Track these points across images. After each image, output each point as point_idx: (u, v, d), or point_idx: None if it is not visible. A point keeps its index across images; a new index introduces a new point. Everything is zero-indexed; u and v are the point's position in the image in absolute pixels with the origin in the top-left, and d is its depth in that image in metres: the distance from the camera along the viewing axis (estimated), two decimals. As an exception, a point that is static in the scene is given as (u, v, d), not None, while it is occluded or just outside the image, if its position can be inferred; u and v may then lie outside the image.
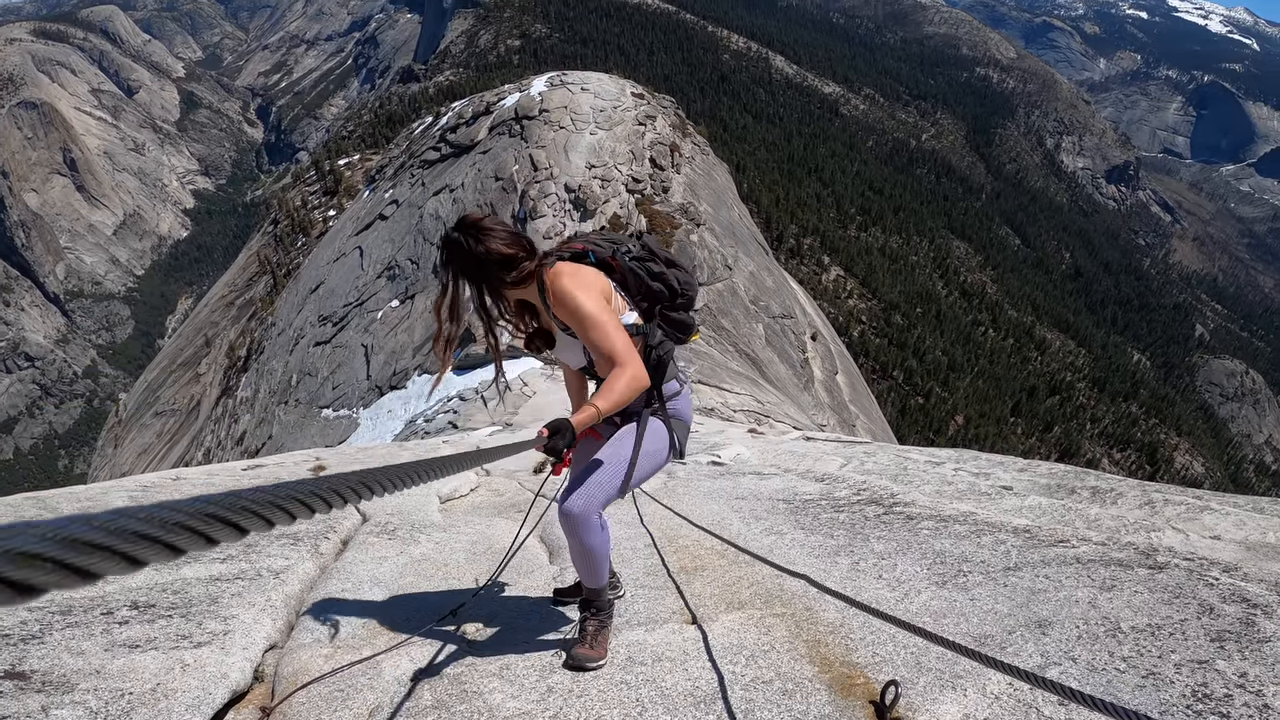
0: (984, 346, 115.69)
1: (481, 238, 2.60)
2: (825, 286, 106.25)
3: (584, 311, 2.56)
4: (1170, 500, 5.23)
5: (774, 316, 36.87)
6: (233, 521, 0.74)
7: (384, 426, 27.52)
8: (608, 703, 2.57)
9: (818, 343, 40.71)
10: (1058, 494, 5.87)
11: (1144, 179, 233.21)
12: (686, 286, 2.83)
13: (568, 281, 2.61)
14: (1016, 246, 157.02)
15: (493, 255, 2.61)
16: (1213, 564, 3.39)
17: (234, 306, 58.87)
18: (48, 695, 2.37)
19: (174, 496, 5.33)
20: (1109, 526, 4.74)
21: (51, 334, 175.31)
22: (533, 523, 4.70)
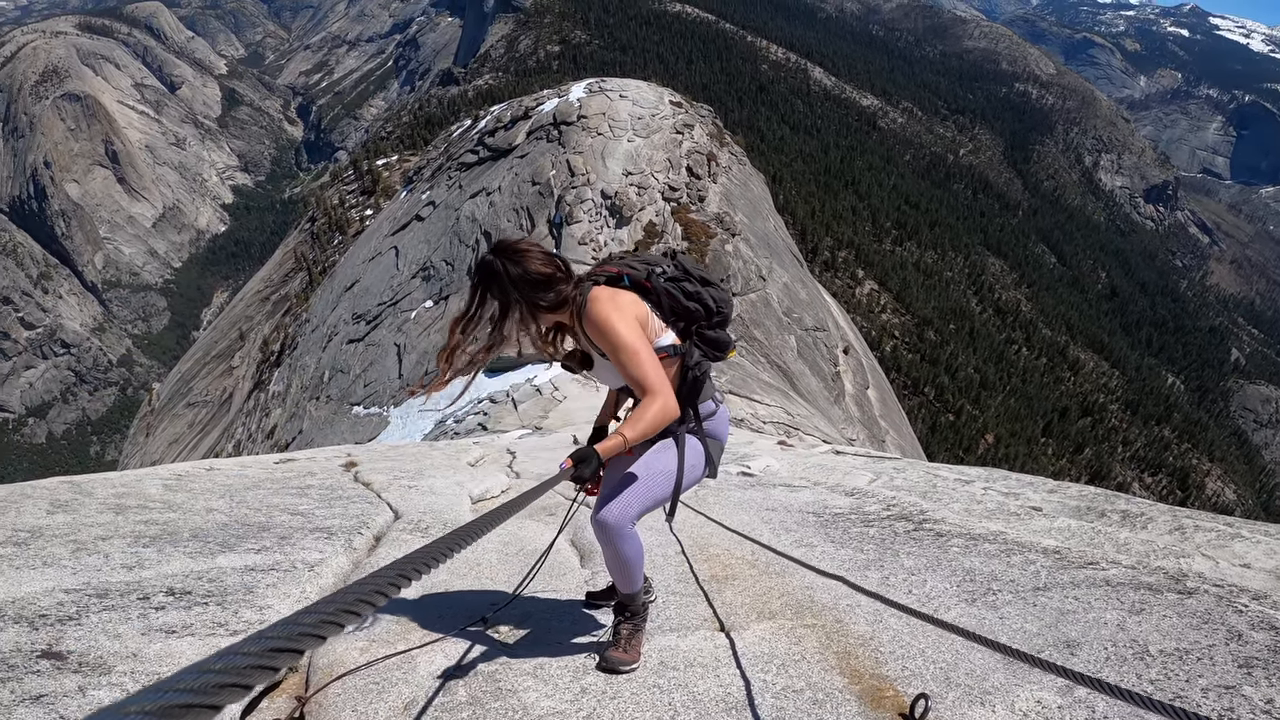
0: (1017, 365, 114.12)
1: (519, 259, 2.62)
2: (859, 300, 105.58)
3: (617, 339, 2.57)
4: (1200, 527, 5.20)
5: (807, 329, 36.67)
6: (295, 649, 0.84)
7: (414, 425, 27.72)
8: (640, 705, 2.59)
9: (850, 356, 40.43)
10: (1087, 516, 5.83)
11: (1182, 199, 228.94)
12: (722, 304, 2.84)
13: (603, 307, 2.62)
14: (1052, 265, 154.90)
15: (530, 275, 2.62)
16: (1242, 591, 3.40)
17: (269, 302, 59.72)
18: (84, 676, 2.41)
19: (208, 486, 5.48)
20: (1138, 551, 4.71)
21: (88, 322, 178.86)
22: (565, 529, 4.75)
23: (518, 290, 2.63)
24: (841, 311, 52.56)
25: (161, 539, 3.87)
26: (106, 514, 4.29)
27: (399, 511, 5.43)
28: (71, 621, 2.76)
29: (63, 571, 3.23)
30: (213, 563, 3.57)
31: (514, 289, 2.63)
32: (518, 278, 2.62)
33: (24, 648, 2.52)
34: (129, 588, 3.15)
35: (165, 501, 4.84)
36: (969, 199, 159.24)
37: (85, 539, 3.72)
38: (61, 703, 2.25)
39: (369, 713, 2.53)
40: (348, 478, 6.78)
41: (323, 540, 4.14)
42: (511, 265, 2.61)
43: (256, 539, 4.05)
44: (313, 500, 5.38)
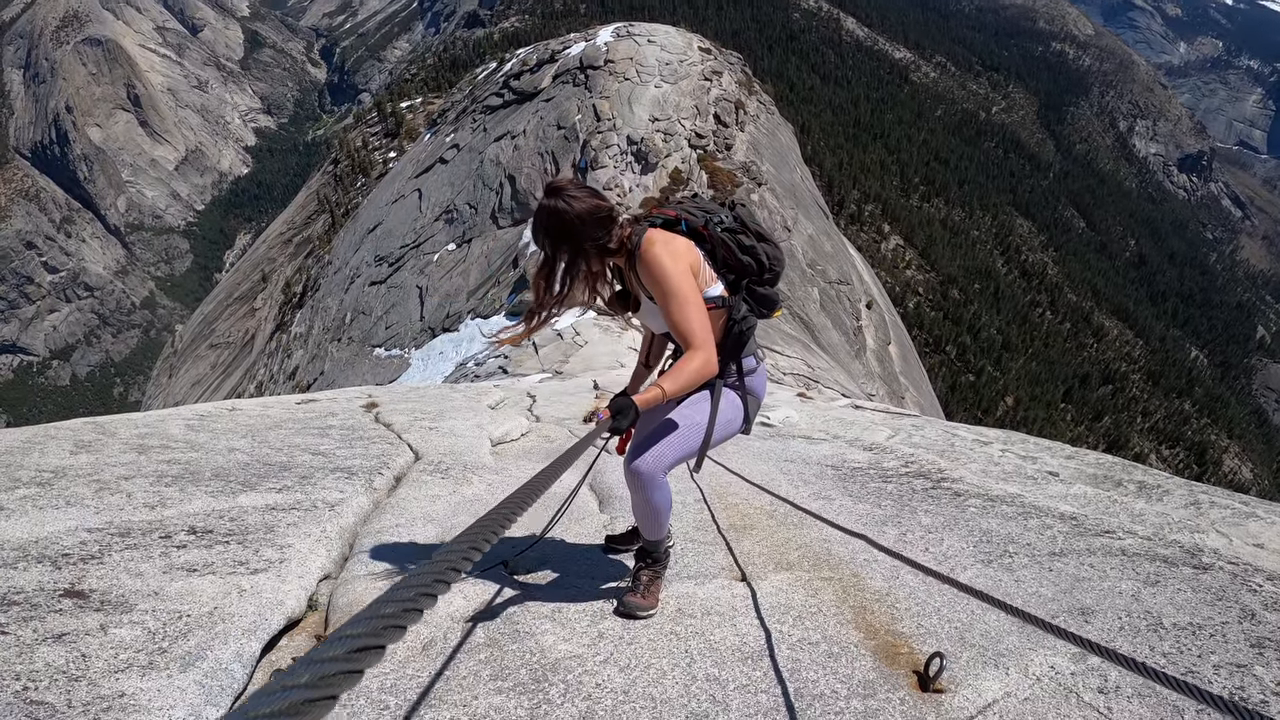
0: (1040, 328, 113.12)
1: (578, 197, 2.54)
2: (884, 255, 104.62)
3: (670, 285, 2.51)
4: (1216, 503, 5.16)
5: (830, 282, 36.40)
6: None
7: (435, 367, 27.90)
8: (657, 651, 2.60)
9: (872, 311, 40.15)
10: (1104, 485, 5.80)
11: (1217, 171, 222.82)
12: (775, 262, 2.77)
13: (659, 250, 2.55)
14: (1081, 229, 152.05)
15: (594, 212, 2.54)
16: (1257, 570, 3.37)
17: (291, 244, 59.93)
18: (106, 614, 2.42)
19: (230, 426, 5.53)
20: (1153, 523, 4.69)
21: (111, 265, 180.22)
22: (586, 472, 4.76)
23: (584, 229, 2.54)
24: (866, 266, 52.07)
25: (184, 478, 3.89)
26: (129, 454, 4.32)
27: (419, 452, 5.44)
28: (94, 560, 2.77)
29: (85, 511, 3.25)
30: (234, 501, 3.58)
31: (580, 228, 2.54)
32: (582, 214, 2.52)
33: (46, 587, 2.54)
34: (151, 526, 3.17)
35: (188, 441, 4.87)
36: (1000, 158, 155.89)
37: (108, 478, 3.74)
38: (83, 641, 2.26)
39: (387, 653, 2.53)
40: (369, 418, 6.79)
41: (343, 480, 4.16)
42: (575, 203, 2.53)
43: (278, 478, 4.07)
44: (334, 440, 5.41)
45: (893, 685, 2.42)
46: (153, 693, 2.06)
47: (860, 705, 2.31)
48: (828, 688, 2.41)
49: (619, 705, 2.31)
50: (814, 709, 2.30)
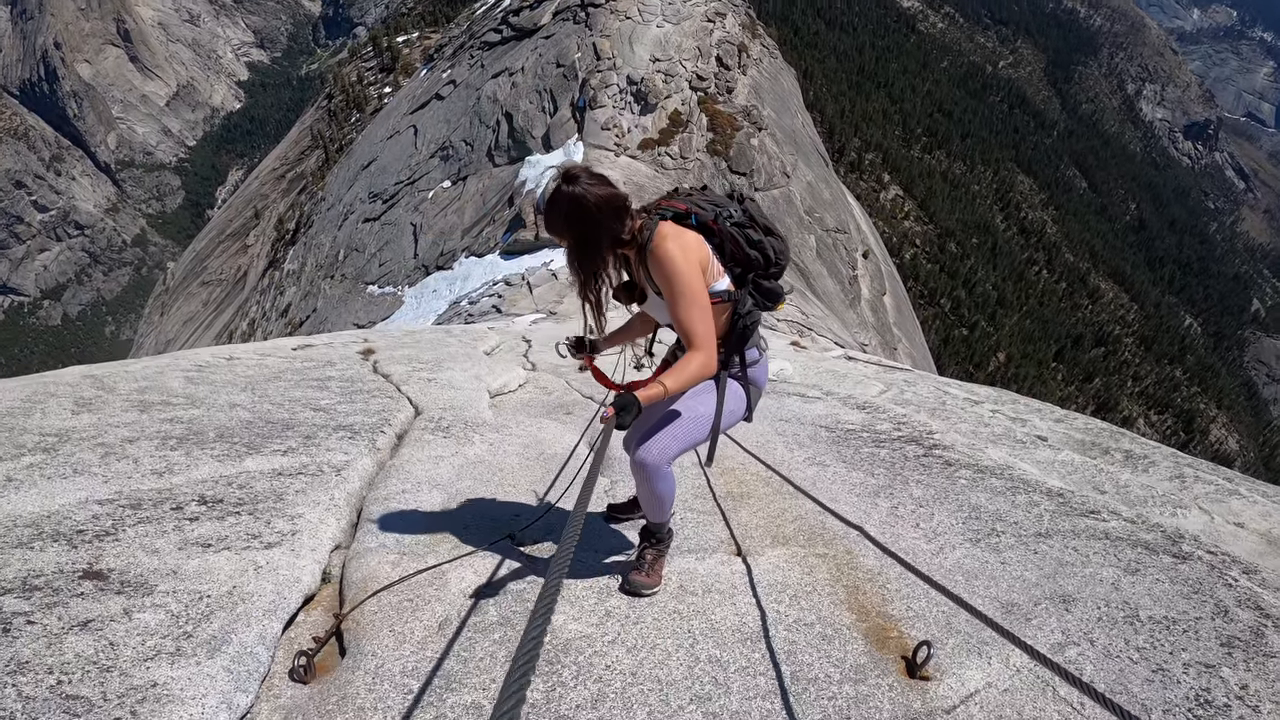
0: (1036, 286, 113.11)
1: (594, 186, 2.51)
2: (882, 205, 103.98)
3: (680, 283, 2.52)
4: (1201, 477, 5.24)
5: (827, 229, 36.24)
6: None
7: (428, 305, 27.75)
8: (662, 632, 2.69)
9: (868, 261, 40.05)
10: (1091, 452, 5.88)
11: (1223, 140, 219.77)
12: (780, 256, 2.78)
13: (672, 246, 2.54)
14: (1082, 190, 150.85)
15: (614, 201, 2.51)
16: (1234, 562, 3.44)
17: (284, 180, 59.16)
18: (128, 597, 2.46)
19: (229, 378, 5.55)
20: (1137, 495, 4.77)
21: (102, 203, 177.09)
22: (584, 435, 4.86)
23: (603, 217, 2.51)
24: (864, 215, 51.75)
25: (188, 440, 3.91)
26: (131, 412, 4.32)
27: (419, 407, 5.46)
28: (109, 537, 2.80)
29: (94, 480, 3.27)
30: (240, 466, 3.61)
31: (599, 216, 2.51)
32: (600, 202, 2.49)
33: (65, 568, 2.57)
34: (161, 496, 3.19)
35: (188, 396, 4.88)
36: (1004, 113, 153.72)
37: (112, 441, 3.76)
38: (110, 628, 2.30)
39: (405, 633, 2.62)
40: (366, 368, 6.79)
41: (347, 440, 4.20)
42: (593, 189, 2.49)
43: (281, 438, 4.10)
44: (334, 394, 5.43)
45: (882, 670, 2.52)
46: (184, 681, 2.12)
47: (851, 690, 2.41)
48: (821, 671, 2.50)
49: (628, 687, 2.40)
50: (809, 693, 2.40)
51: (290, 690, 2.38)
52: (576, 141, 31.21)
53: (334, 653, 2.60)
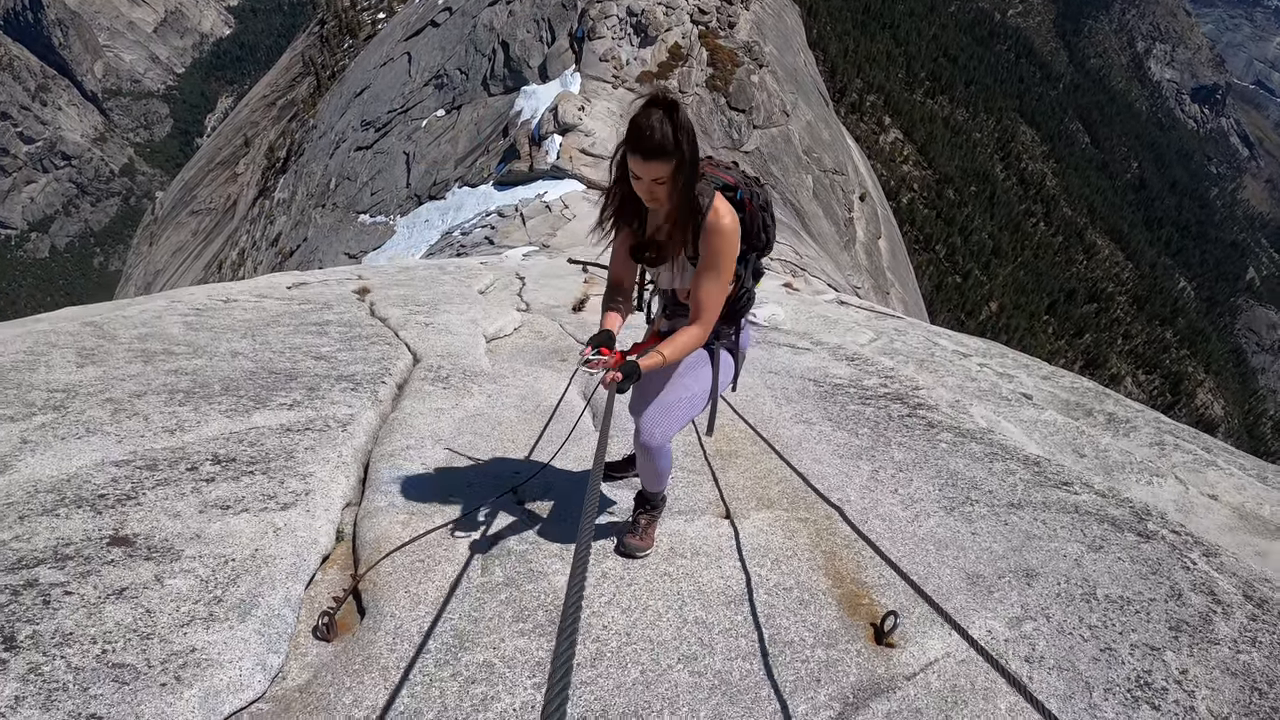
0: (1032, 238, 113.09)
1: (690, 122, 2.44)
2: (881, 148, 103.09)
3: (724, 262, 2.59)
4: (1181, 445, 5.32)
5: (825, 170, 35.96)
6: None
7: (420, 236, 27.55)
8: (653, 593, 2.88)
9: (865, 204, 39.80)
10: (1074, 413, 5.98)
11: (1230, 106, 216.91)
12: (773, 237, 2.92)
13: (731, 224, 2.57)
14: (1085, 145, 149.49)
15: (693, 133, 2.44)
16: (1197, 543, 3.55)
17: (275, 107, 57.91)
18: (157, 563, 2.60)
19: (227, 323, 5.66)
20: (1116, 461, 4.89)
21: (89, 133, 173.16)
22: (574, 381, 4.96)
23: (690, 146, 2.43)
24: (862, 157, 51.22)
25: (195, 394, 4.02)
26: (135, 364, 4.41)
27: (418, 354, 5.57)
28: (130, 501, 2.93)
29: (107, 440, 3.38)
30: (249, 422, 3.74)
31: (688, 144, 2.43)
32: (690, 129, 2.42)
33: (93, 535, 2.70)
34: (175, 456, 3.32)
35: (189, 344, 4.96)
36: (1010, 62, 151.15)
37: (120, 397, 3.85)
38: (144, 595, 2.45)
39: (419, 593, 2.80)
40: (364, 310, 6.86)
41: (349, 392, 4.33)
42: (687, 115, 2.41)
43: (286, 390, 4.21)
44: (333, 340, 5.53)
45: (852, 636, 2.72)
46: (220, 645, 2.30)
47: (823, 654, 2.61)
48: (796, 635, 2.70)
49: (623, 647, 2.59)
50: (785, 655, 2.60)
51: (315, 648, 2.56)
52: (574, 72, 30.64)
53: (352, 611, 2.78)
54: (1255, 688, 2.62)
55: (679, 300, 2.91)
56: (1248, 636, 2.87)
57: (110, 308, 6.00)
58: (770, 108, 33.45)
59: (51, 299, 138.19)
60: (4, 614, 2.29)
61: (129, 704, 2.09)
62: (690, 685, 2.45)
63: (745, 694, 2.43)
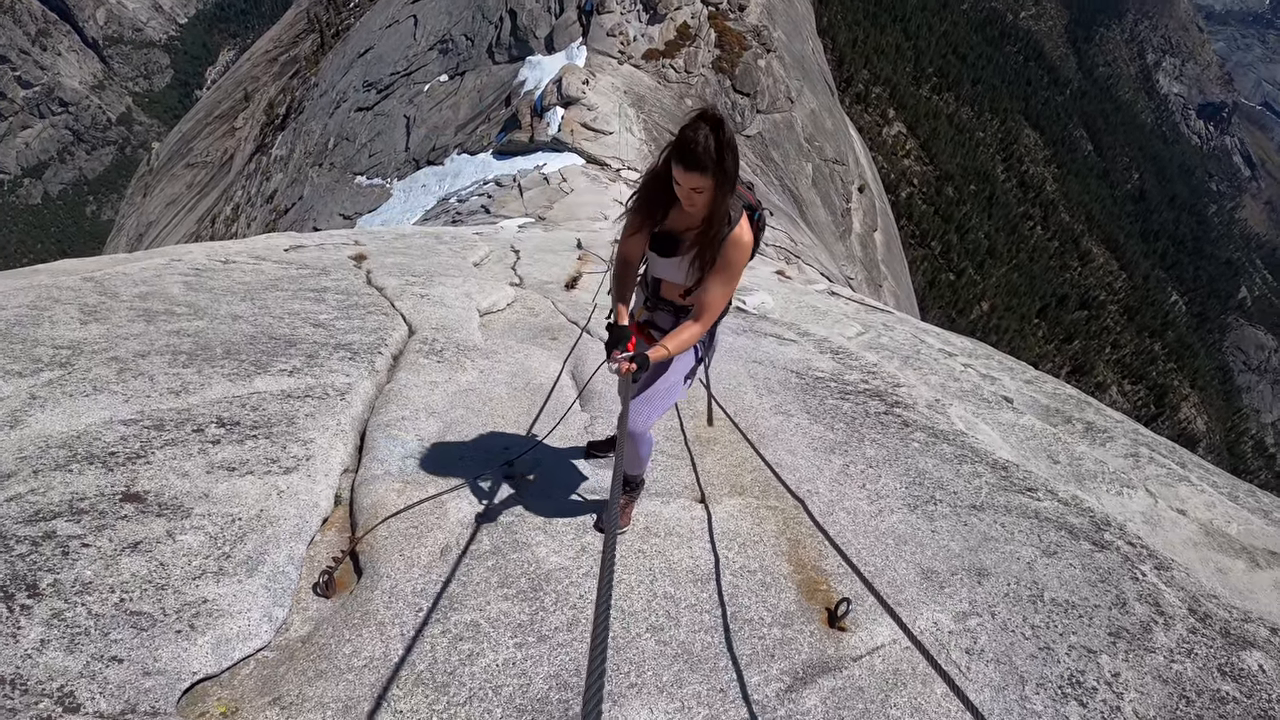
0: (1028, 241, 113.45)
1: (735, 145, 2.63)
2: (884, 140, 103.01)
3: (735, 272, 2.81)
4: (1155, 458, 5.38)
5: (825, 159, 36.00)
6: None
7: (416, 200, 27.45)
8: (628, 568, 3.11)
9: (863, 195, 39.85)
10: (1054, 419, 6.02)
11: (1235, 125, 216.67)
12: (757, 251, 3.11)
13: (749, 240, 2.80)
14: (1087, 152, 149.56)
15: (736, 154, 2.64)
16: (1150, 556, 3.68)
17: (277, 63, 57.20)
18: (168, 520, 2.79)
19: (227, 284, 5.85)
20: (1088, 470, 4.93)
21: (88, 80, 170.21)
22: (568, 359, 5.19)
23: (732, 163, 2.62)
24: (864, 148, 51.17)
25: (197, 356, 4.17)
26: (138, 323, 4.54)
27: (413, 325, 5.72)
28: (140, 460, 3.11)
29: (114, 399, 3.53)
30: (251, 386, 3.91)
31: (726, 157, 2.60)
32: (733, 146, 2.60)
33: (106, 491, 2.88)
34: (181, 417, 3.49)
35: (190, 305, 5.09)
36: (1019, 64, 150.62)
37: (124, 356, 3.99)
38: (158, 549, 2.65)
39: (413, 558, 3.01)
40: (360, 278, 6.98)
41: (347, 361, 4.50)
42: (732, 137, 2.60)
43: (285, 356, 4.38)
44: (331, 308, 5.68)
45: (807, 618, 2.94)
46: (230, 598, 2.52)
47: (779, 633, 2.84)
48: (756, 614, 2.93)
49: (597, 615, 2.81)
50: (744, 632, 2.82)
51: (316, 604, 2.78)
52: (580, 45, 30.49)
53: (350, 571, 2.99)
54: (1184, 695, 2.77)
55: (662, 295, 3.11)
56: (1184, 648, 3.02)
57: (109, 262, 6.08)
58: (775, 93, 33.44)
59: (43, 246, 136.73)
60: (26, 563, 2.45)
61: (147, 648, 2.29)
62: (655, 653, 2.67)
63: (705, 663, 2.65)
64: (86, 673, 2.16)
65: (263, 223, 38.76)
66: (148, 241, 50.04)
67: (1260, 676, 2.96)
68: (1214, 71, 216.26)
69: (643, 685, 2.54)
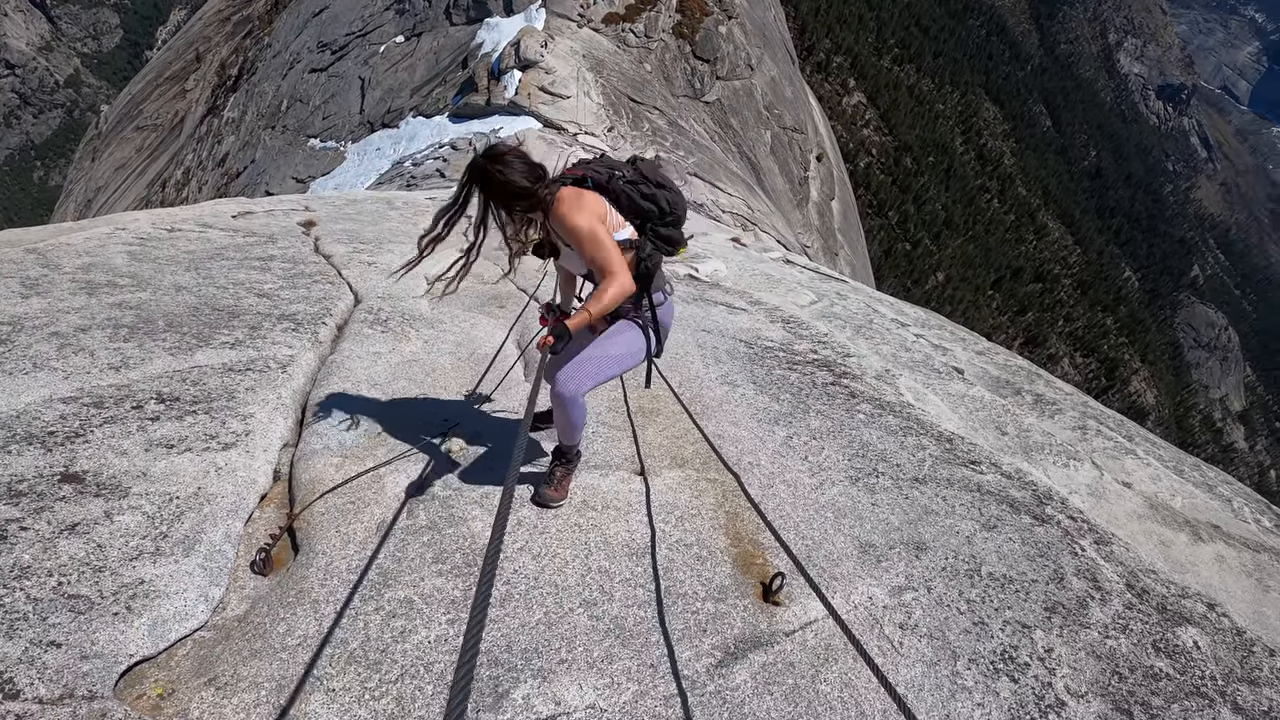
0: (984, 214, 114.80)
1: (503, 170, 2.91)
2: (844, 109, 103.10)
3: (581, 231, 2.92)
4: (1103, 431, 5.40)
5: (784, 127, 36.01)
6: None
7: (371, 164, 27.01)
8: (563, 542, 3.11)
9: (822, 164, 39.90)
10: (1003, 391, 5.98)
11: (1194, 108, 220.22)
12: (675, 206, 3.16)
13: (568, 205, 2.96)
14: (1046, 128, 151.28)
15: (511, 187, 2.92)
16: (1090, 530, 3.71)
17: (229, 22, 55.24)
18: (106, 500, 2.77)
19: (171, 254, 5.73)
20: (1036, 441, 4.92)
21: (34, 40, 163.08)
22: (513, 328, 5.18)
23: (498, 195, 2.95)
24: (823, 117, 51.10)
25: (139, 329, 4.09)
26: (80, 295, 4.46)
27: (359, 294, 5.66)
28: (79, 438, 3.07)
29: (54, 376, 3.48)
30: (192, 360, 3.85)
31: (495, 193, 2.95)
32: (500, 185, 2.93)
33: (44, 472, 2.85)
34: (121, 394, 3.44)
35: (133, 276, 4.99)
36: (981, 39, 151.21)
37: (65, 330, 3.93)
38: (95, 531, 2.62)
39: (349, 534, 3.01)
40: (308, 246, 6.87)
41: (290, 333, 4.44)
42: (496, 173, 2.92)
43: (229, 328, 4.31)
44: (276, 278, 5.59)
45: (741, 593, 2.98)
46: (167, 578, 2.51)
47: (712, 607, 2.87)
48: (690, 589, 2.96)
49: (530, 590, 2.85)
50: (677, 606, 2.86)
51: (253, 582, 2.78)
52: (539, 7, 29.93)
53: (287, 548, 2.99)
54: (1116, 671, 2.80)
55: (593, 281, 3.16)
56: (1120, 623, 3.05)
57: (52, 231, 5.95)
58: (735, 60, 33.28)
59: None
60: (-35, 550, 2.42)
61: (84, 632, 2.29)
62: (588, 628, 2.70)
63: (636, 638, 2.68)
64: (25, 658, 2.16)
65: (214, 187, 37.74)
66: (96, 207, 48.42)
67: (1194, 653, 3.00)
68: (1175, 54, 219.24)
69: (573, 661, 2.57)
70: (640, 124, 25.39)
